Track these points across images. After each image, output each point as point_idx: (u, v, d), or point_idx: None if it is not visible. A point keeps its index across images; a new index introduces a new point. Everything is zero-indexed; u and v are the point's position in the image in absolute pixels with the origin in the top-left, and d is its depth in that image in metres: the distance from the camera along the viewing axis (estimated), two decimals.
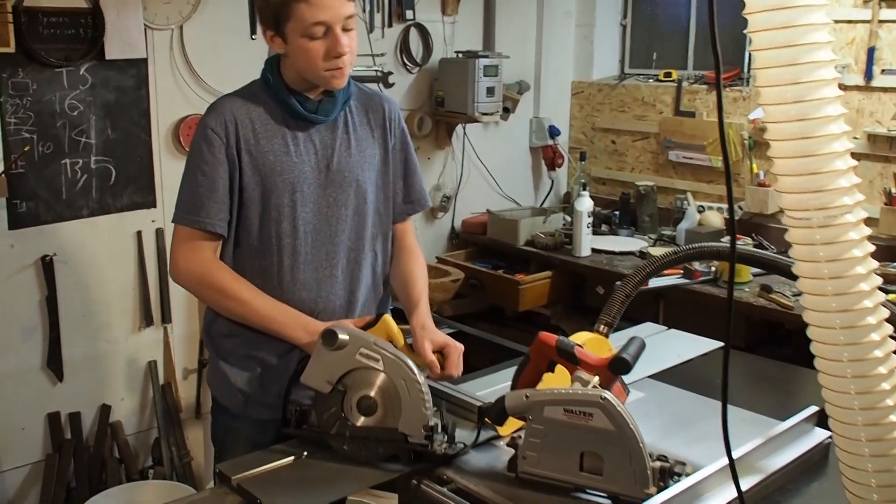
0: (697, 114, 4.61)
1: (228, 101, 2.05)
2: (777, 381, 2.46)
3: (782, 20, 1.24)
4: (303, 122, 2.05)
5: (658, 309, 3.78)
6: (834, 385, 1.37)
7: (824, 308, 1.34)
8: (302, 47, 1.94)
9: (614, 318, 2.04)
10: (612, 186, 5.07)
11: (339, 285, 2.10)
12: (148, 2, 3.43)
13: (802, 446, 1.85)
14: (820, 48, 1.24)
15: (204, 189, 1.98)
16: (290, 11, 1.90)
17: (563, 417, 1.59)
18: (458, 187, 4.76)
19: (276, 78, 2.04)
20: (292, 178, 2.02)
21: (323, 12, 1.89)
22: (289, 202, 2.02)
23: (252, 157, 2.00)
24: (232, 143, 1.99)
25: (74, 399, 3.49)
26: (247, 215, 2.03)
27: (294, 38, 1.94)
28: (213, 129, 1.99)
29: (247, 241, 2.05)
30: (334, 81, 1.99)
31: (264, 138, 2.01)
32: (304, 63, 1.97)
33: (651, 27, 5.12)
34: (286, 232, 2.03)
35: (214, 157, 1.98)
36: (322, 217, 2.06)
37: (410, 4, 4.30)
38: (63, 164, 3.33)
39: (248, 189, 2.01)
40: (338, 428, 1.81)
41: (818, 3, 1.24)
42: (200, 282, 2.02)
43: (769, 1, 1.24)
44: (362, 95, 2.17)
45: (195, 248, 2.00)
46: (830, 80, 1.26)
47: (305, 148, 2.04)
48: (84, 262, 3.44)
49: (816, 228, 1.30)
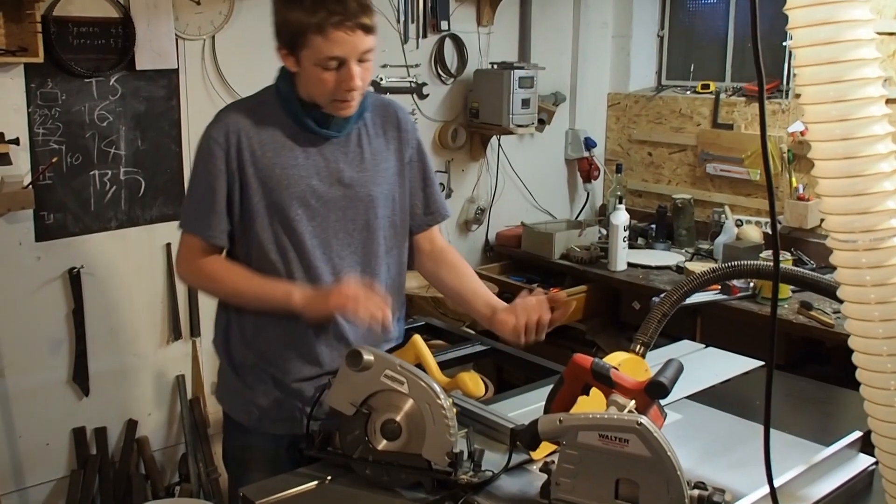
0: (735, 126, 4.54)
1: (235, 110, 2.01)
2: (818, 402, 2.41)
3: (827, 36, 1.19)
4: (314, 136, 2.00)
5: (695, 325, 3.72)
6: (881, 414, 1.33)
7: (871, 334, 1.30)
8: (314, 76, 1.89)
9: (651, 337, 1.99)
10: (649, 199, 5.01)
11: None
12: (179, 12, 3.42)
13: (846, 473, 1.81)
14: (866, 65, 1.20)
15: (207, 201, 1.97)
16: (306, 40, 1.86)
17: (597, 443, 1.53)
18: (493, 199, 4.71)
19: (288, 88, 1.99)
20: (299, 192, 1.97)
21: (339, 47, 1.85)
22: (296, 216, 1.97)
23: (257, 170, 1.96)
24: (233, 154, 1.95)
25: (100, 414, 3.47)
26: (253, 229, 1.99)
27: (307, 65, 1.89)
28: (216, 139, 1.95)
29: (255, 254, 2.01)
30: (341, 112, 1.96)
31: (271, 150, 1.96)
32: (314, 90, 1.93)
33: (688, 38, 5.06)
34: (293, 246, 1.99)
35: (216, 167, 1.95)
36: (331, 232, 2.01)
37: (445, 15, 4.27)
38: (92, 176, 3.32)
39: (253, 202, 1.97)
40: (361, 452, 1.76)
41: (864, 18, 1.18)
42: (197, 274, 2.04)
43: (813, 16, 1.18)
44: (377, 106, 2.12)
45: (198, 253, 2.02)
46: (877, 97, 1.21)
47: (315, 162, 1.99)
48: (112, 274, 3.43)
49: (862, 251, 1.26)
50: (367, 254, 2.07)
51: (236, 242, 2.03)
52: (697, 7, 5.03)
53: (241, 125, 1.96)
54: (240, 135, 1.95)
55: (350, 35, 1.84)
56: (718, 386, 2.40)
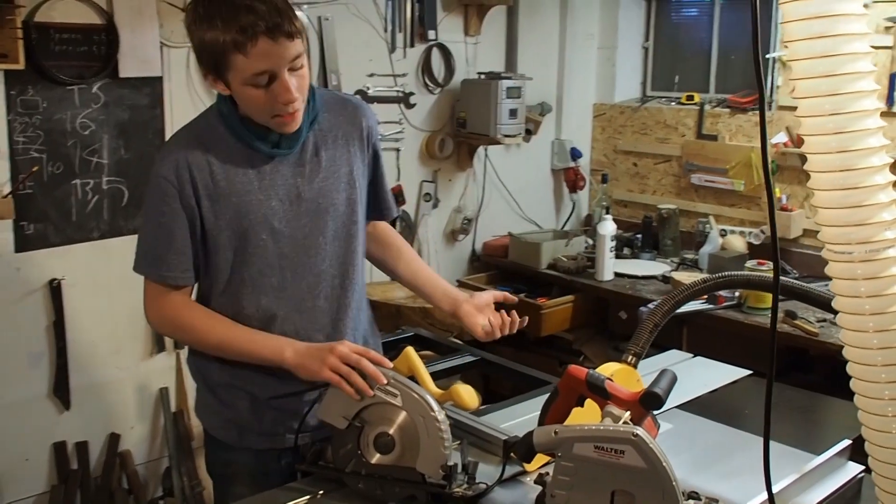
0: (720, 137, 4.57)
1: (181, 142, 1.87)
2: (805, 410, 2.43)
3: (821, 49, 1.19)
4: (266, 156, 1.88)
5: (682, 335, 3.72)
6: (875, 423, 1.33)
7: (866, 345, 1.31)
8: (246, 96, 1.76)
9: (643, 347, 1.98)
10: (634, 209, 5.02)
11: (323, 314, 1.98)
12: (164, 19, 3.39)
13: (836, 482, 1.82)
14: (862, 78, 1.20)
15: (162, 242, 1.85)
16: (228, 61, 1.71)
17: (593, 455, 1.52)
18: (480, 209, 4.71)
19: (230, 109, 1.86)
20: (260, 217, 1.87)
21: (263, 61, 1.69)
22: (261, 242, 1.88)
23: (213, 202, 1.84)
24: (188, 191, 1.82)
25: (82, 428, 3.43)
26: (216, 262, 1.89)
27: (236, 86, 1.76)
28: (166, 177, 1.82)
29: (220, 286, 1.92)
30: (286, 129, 1.82)
31: (224, 179, 1.85)
32: (251, 111, 1.81)
33: (673, 50, 5.09)
34: (262, 271, 1.90)
35: (170, 206, 1.82)
36: (300, 249, 1.92)
37: (433, 24, 4.26)
38: (73, 185, 3.28)
39: (212, 235, 1.87)
40: (353, 465, 1.74)
41: (860, 32, 1.19)
42: (173, 325, 1.94)
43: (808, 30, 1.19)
44: (333, 105, 1.99)
45: (164, 297, 1.90)
46: (873, 110, 1.21)
47: (272, 182, 1.88)
48: (94, 286, 3.38)
49: (858, 263, 1.26)
50: (341, 264, 2.00)
51: (202, 277, 1.94)
52: (682, 19, 5.07)
53: (190, 158, 1.83)
54: (190, 169, 1.83)
55: (273, 44, 1.68)
56: (707, 395, 2.41)
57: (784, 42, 1.23)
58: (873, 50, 1.23)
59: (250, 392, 1.97)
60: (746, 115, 4.45)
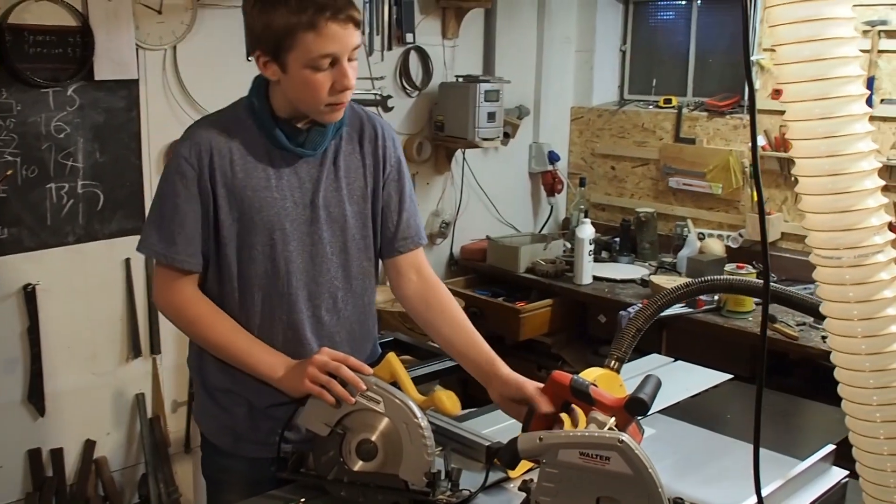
0: (697, 140, 4.58)
1: (206, 127, 1.89)
2: (786, 415, 2.45)
3: (811, 53, 1.18)
4: (288, 154, 1.89)
5: (661, 338, 3.72)
6: (862, 429, 1.33)
7: (853, 350, 1.30)
8: (305, 79, 1.78)
9: (625, 352, 1.98)
10: (612, 213, 5.03)
11: (323, 326, 1.98)
12: (140, 21, 3.35)
13: (820, 487, 1.83)
14: (850, 82, 1.20)
15: (175, 223, 1.85)
16: (296, 41, 1.74)
17: (578, 461, 1.51)
18: (457, 213, 4.70)
19: (262, 103, 1.88)
20: (272, 215, 1.87)
21: (333, 44, 1.74)
22: (268, 241, 1.88)
23: (229, 192, 1.86)
24: (206, 175, 1.84)
25: (57, 434, 3.38)
26: (224, 253, 1.90)
27: (296, 68, 1.78)
28: (187, 159, 1.84)
29: (226, 279, 1.92)
30: (333, 115, 1.85)
31: (243, 171, 1.86)
32: (305, 95, 1.81)
33: (650, 54, 5.10)
34: (266, 272, 1.90)
35: (187, 189, 1.84)
36: (306, 256, 1.93)
37: (411, 27, 4.25)
38: (48, 189, 3.24)
39: (224, 226, 1.87)
40: (336, 473, 1.72)
41: (848, 36, 1.18)
42: (178, 315, 1.93)
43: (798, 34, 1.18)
44: (356, 119, 2.01)
45: (174, 282, 1.90)
46: (861, 114, 1.21)
47: (289, 182, 1.89)
48: (69, 291, 3.34)
49: (846, 268, 1.25)
50: (345, 277, 1.99)
51: (208, 266, 1.93)
52: (659, 23, 5.08)
53: (213, 143, 1.85)
54: (212, 154, 1.84)
55: (343, 29, 1.75)
56: (689, 400, 2.41)
57: (773, 45, 1.23)
58: (862, 54, 1.22)
59: (248, 399, 1.97)
60: (724, 118, 4.46)
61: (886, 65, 3.81)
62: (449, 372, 2.91)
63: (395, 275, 2.08)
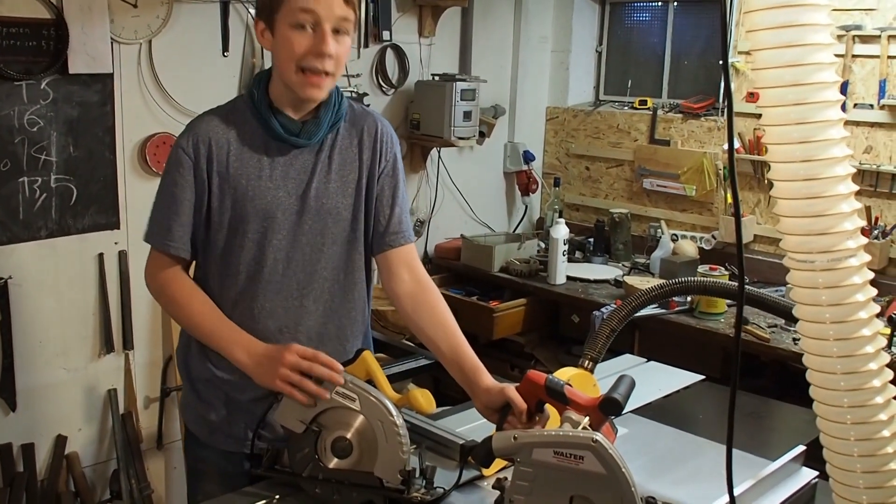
0: (672, 142, 4.61)
1: (207, 118, 1.94)
2: (757, 416, 2.47)
3: (789, 59, 1.20)
4: (283, 145, 1.92)
5: (634, 339, 3.74)
6: (833, 430, 1.35)
7: (825, 353, 1.32)
8: (286, 37, 1.81)
9: (599, 353, 2.00)
10: (586, 213, 5.05)
11: (309, 317, 1.99)
12: (115, 14, 3.32)
13: (790, 487, 1.84)
14: (826, 88, 1.22)
15: (171, 212, 1.91)
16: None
17: (552, 460, 1.52)
18: (432, 212, 4.70)
19: (261, 94, 1.92)
20: (265, 204, 1.90)
21: (314, 2, 1.78)
22: (259, 229, 1.91)
23: (223, 180, 1.90)
24: (202, 165, 1.89)
25: (28, 429, 3.35)
26: (213, 239, 1.93)
27: (281, 27, 1.81)
28: (184, 149, 1.89)
29: (212, 265, 1.96)
30: (309, 90, 1.85)
31: (238, 161, 1.90)
32: (284, 54, 1.84)
33: (626, 54, 5.12)
34: (254, 259, 1.93)
35: (183, 178, 1.89)
36: (297, 246, 1.95)
37: (387, 25, 4.24)
38: (20, 183, 3.20)
39: (216, 213, 1.91)
40: (310, 470, 1.72)
41: (825, 42, 1.20)
42: (161, 293, 1.97)
43: (776, 39, 1.20)
44: (354, 116, 2.03)
45: (162, 265, 1.95)
46: (836, 120, 1.23)
47: (283, 173, 1.92)
48: (41, 285, 3.31)
49: (819, 272, 1.27)
50: (337, 269, 2.01)
51: (200, 254, 1.97)
52: (635, 24, 5.10)
53: (211, 134, 1.90)
54: (209, 144, 1.89)
55: None
56: (661, 400, 2.43)
57: (751, 50, 1.24)
58: (838, 60, 1.24)
59: (226, 392, 1.98)
60: (699, 120, 4.49)
61: (860, 69, 3.85)
62: (422, 370, 2.91)
63: (386, 272, 2.09)
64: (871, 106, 3.84)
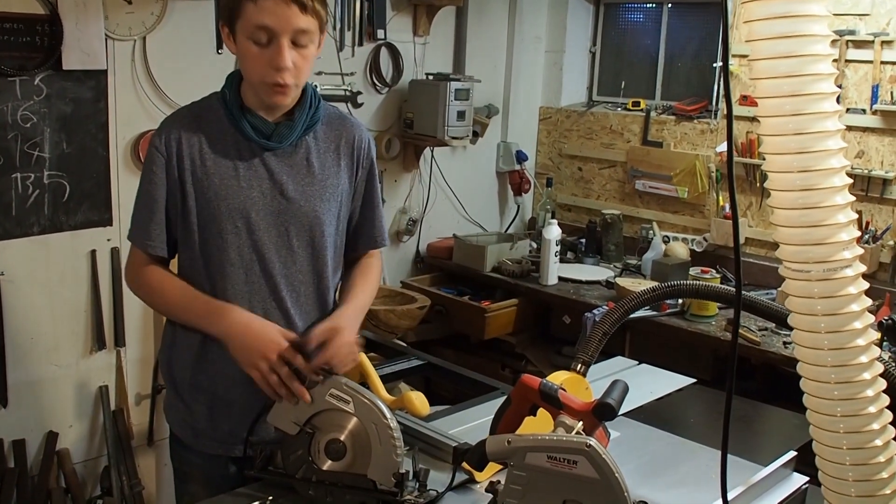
0: (665, 144, 4.62)
1: (179, 116, 1.94)
2: (749, 420, 2.48)
3: (787, 69, 1.20)
4: (255, 146, 1.91)
5: (624, 341, 3.75)
6: (826, 439, 1.35)
7: (820, 362, 1.32)
8: (246, 50, 1.81)
9: (591, 356, 2.01)
10: (578, 213, 5.06)
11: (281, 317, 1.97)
12: (110, 11, 3.31)
13: (782, 492, 1.85)
14: (824, 98, 1.22)
15: (147, 210, 1.91)
16: (240, 9, 1.78)
17: (546, 464, 1.52)
18: (425, 211, 4.70)
19: (233, 94, 1.91)
20: (238, 204, 1.89)
21: (268, 17, 1.75)
22: (233, 229, 1.90)
23: (197, 179, 1.89)
24: (174, 163, 1.88)
25: (19, 426, 3.34)
26: (190, 236, 1.93)
27: (241, 39, 1.81)
28: (157, 147, 1.89)
29: (190, 261, 1.95)
30: (274, 97, 1.85)
31: (211, 160, 1.89)
32: (245, 67, 1.85)
33: (620, 55, 5.13)
34: (231, 260, 1.91)
35: (157, 176, 1.89)
36: (271, 247, 1.93)
37: (382, 24, 4.24)
38: (13, 179, 3.19)
39: (191, 213, 1.90)
40: (304, 472, 1.72)
41: (824, 53, 1.21)
42: (138, 285, 1.99)
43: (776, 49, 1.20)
44: (332, 120, 2.03)
45: (140, 262, 1.97)
46: (834, 130, 1.23)
47: (256, 173, 1.91)
48: (33, 282, 3.30)
49: (815, 282, 1.27)
50: (311, 272, 2.00)
51: (180, 254, 1.97)
52: (629, 25, 5.10)
53: (183, 132, 1.89)
54: (181, 142, 1.88)
55: (282, 4, 1.75)
56: (653, 403, 2.43)
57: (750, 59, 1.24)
58: (836, 70, 1.25)
59: (211, 394, 1.98)
60: (692, 122, 4.50)
61: (853, 74, 3.86)
62: (414, 371, 2.91)
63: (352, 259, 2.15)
64: (864, 111, 3.85)
